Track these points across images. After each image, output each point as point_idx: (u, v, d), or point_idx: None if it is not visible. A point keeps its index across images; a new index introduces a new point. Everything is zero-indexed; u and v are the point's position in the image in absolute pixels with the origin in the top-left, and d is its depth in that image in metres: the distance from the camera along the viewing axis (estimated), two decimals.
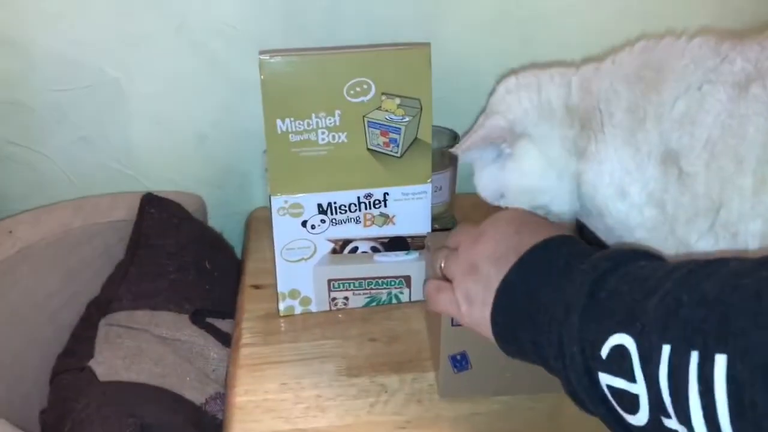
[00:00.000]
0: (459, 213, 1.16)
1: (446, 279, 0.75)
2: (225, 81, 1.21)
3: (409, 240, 0.99)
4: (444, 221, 1.14)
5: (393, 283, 1.01)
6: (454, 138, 1.12)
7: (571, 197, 0.85)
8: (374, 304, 1.02)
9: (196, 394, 0.87)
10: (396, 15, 1.20)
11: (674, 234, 0.78)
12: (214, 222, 1.28)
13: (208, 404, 0.87)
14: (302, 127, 0.91)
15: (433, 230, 1.00)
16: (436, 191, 1.12)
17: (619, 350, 0.54)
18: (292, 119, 0.90)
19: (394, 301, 1.03)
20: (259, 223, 1.22)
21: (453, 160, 1.10)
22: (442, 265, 0.77)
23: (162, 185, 1.27)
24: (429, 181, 0.97)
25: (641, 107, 0.78)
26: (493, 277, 0.68)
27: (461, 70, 1.24)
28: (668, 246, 0.79)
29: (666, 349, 0.50)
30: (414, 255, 1.00)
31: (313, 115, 0.90)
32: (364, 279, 1.00)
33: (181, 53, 1.19)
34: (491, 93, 0.91)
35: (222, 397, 0.89)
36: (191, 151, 1.26)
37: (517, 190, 0.86)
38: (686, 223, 0.77)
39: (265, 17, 1.18)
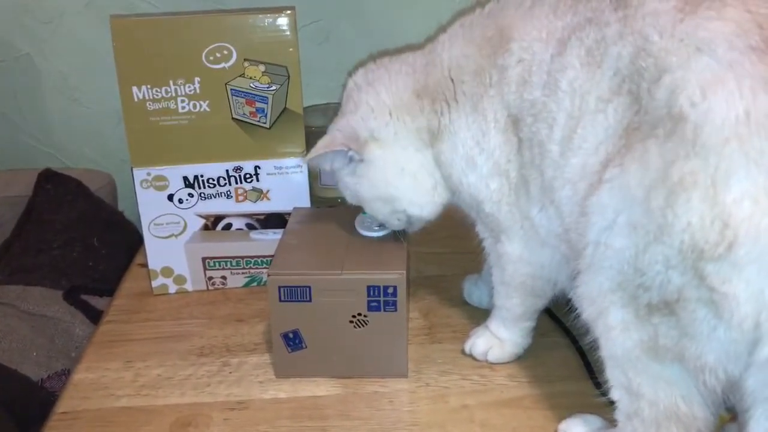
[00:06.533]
0: None
1: None
2: None
3: (286, 217, 0.94)
4: None
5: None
6: None
7: (431, 198, 0.78)
8: (255, 284, 0.97)
9: (37, 369, 0.85)
10: None
11: (518, 206, 0.72)
12: (129, 200, 1.25)
13: (49, 380, 0.84)
14: (160, 95, 0.87)
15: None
16: None
17: None
18: (148, 86, 0.86)
19: None
20: None
21: None
22: None
23: (80, 163, 1.25)
24: (303, 154, 0.91)
25: (487, 71, 0.72)
26: None
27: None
28: (514, 220, 0.73)
29: None
30: None
31: (171, 82, 0.86)
32: (242, 258, 0.96)
33: (93, 29, 1.17)
34: (344, 86, 0.83)
35: (68, 373, 0.86)
36: (110, 129, 1.24)
37: (371, 198, 0.79)
38: (526, 194, 0.70)
39: None
